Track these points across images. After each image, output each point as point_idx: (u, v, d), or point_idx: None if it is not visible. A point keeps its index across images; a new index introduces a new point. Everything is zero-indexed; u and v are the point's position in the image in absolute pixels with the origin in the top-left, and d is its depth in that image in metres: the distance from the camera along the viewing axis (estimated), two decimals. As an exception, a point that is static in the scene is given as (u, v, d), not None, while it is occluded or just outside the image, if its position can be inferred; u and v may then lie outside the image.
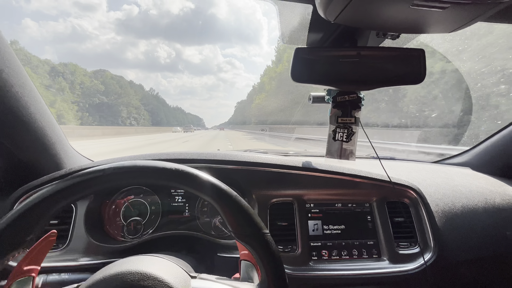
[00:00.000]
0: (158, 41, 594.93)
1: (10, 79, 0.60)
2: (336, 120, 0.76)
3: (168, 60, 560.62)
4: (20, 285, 0.44)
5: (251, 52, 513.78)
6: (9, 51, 0.61)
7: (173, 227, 0.80)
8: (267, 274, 0.40)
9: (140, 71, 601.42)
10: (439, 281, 0.77)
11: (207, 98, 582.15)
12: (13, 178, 0.79)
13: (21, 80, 0.64)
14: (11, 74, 0.61)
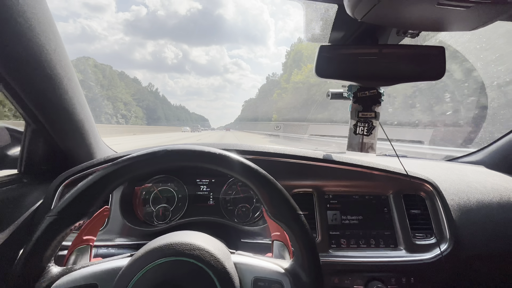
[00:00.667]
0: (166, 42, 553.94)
1: (61, 72, 0.66)
2: (357, 115, 0.80)
3: (175, 61, 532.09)
4: (80, 252, 0.49)
5: (258, 53, 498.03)
6: (62, 47, 0.67)
7: (199, 214, 0.85)
8: (301, 250, 0.44)
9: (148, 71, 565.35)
10: (454, 272, 0.80)
11: (213, 99, 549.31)
12: (53, 165, 0.85)
13: (69, 74, 0.70)
14: (63, 68, 0.67)
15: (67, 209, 0.40)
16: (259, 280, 0.43)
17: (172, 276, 0.38)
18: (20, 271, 0.36)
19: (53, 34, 0.62)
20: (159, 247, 0.40)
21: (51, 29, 0.62)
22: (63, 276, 0.40)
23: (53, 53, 0.63)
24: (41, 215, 0.72)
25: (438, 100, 6.07)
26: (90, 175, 0.42)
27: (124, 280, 0.37)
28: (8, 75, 0.58)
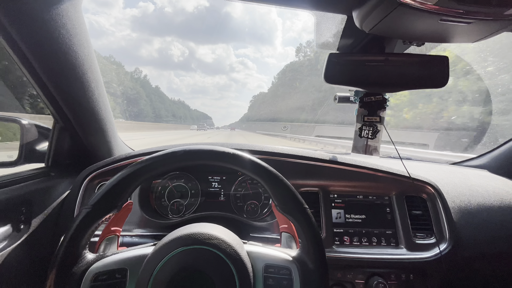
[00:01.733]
0: (172, 39, 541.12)
1: (91, 76, 0.73)
2: (362, 119, 0.84)
3: (181, 58, 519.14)
4: (109, 241, 0.55)
5: (264, 53, 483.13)
6: (93, 52, 0.74)
7: (211, 209, 0.91)
8: (307, 240, 0.49)
9: (154, 68, 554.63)
10: (453, 270, 0.83)
11: (219, 97, 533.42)
12: (76, 160, 0.92)
13: (97, 77, 0.77)
14: (92, 72, 0.73)
15: (100, 203, 0.45)
16: (270, 267, 0.48)
17: (192, 262, 0.43)
18: (61, 257, 0.42)
19: (86, 41, 0.68)
20: (181, 236, 0.45)
21: (85, 37, 0.68)
22: (96, 262, 0.45)
23: (85, 58, 0.69)
24: (69, 205, 0.78)
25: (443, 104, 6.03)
26: (119, 172, 0.47)
27: (150, 265, 0.43)
28: (47, 78, 0.64)
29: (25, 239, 0.69)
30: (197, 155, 0.50)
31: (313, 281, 0.47)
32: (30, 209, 0.72)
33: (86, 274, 0.43)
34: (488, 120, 1.73)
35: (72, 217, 0.77)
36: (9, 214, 0.67)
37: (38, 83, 0.66)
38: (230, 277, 0.43)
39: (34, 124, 0.89)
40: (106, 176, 0.83)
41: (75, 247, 0.43)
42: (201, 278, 0.42)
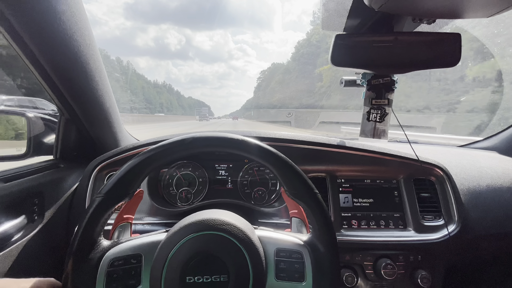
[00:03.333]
0: (168, 27, 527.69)
1: (93, 66, 0.72)
2: (370, 102, 0.82)
3: (179, 47, 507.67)
4: (122, 228, 0.56)
5: (264, 38, 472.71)
6: (94, 42, 0.73)
7: (218, 196, 0.91)
8: (318, 224, 0.49)
9: (151, 58, 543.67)
10: (461, 251, 0.84)
11: (218, 86, 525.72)
12: (83, 151, 0.93)
13: (100, 68, 0.76)
14: (95, 63, 0.72)
15: (112, 191, 0.46)
16: (281, 251, 0.49)
17: (205, 247, 0.44)
18: (77, 244, 0.43)
19: (87, 31, 0.67)
20: (193, 223, 0.46)
21: (86, 27, 0.67)
22: (112, 248, 0.46)
23: (87, 48, 0.68)
24: (79, 196, 0.79)
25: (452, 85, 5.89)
26: (128, 161, 0.47)
27: (164, 251, 0.43)
28: (51, 70, 0.64)
29: (39, 230, 0.71)
30: (206, 142, 0.50)
31: (324, 264, 0.47)
32: (43, 200, 0.73)
33: (103, 259, 0.44)
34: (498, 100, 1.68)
35: (83, 207, 0.78)
36: (22, 205, 0.68)
37: (43, 75, 0.65)
38: (243, 261, 0.43)
39: (40, 117, 0.89)
40: (114, 167, 0.84)
41: (90, 234, 0.44)
42: (215, 262, 0.43)
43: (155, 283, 0.42)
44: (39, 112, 0.91)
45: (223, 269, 0.43)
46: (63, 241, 0.77)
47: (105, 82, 0.80)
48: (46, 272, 0.73)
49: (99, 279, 0.43)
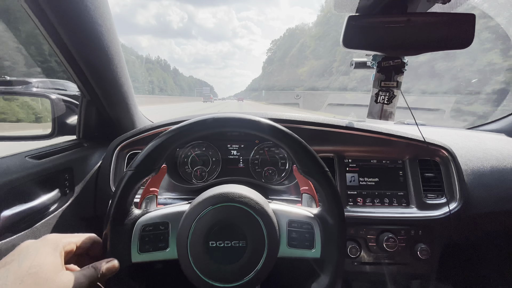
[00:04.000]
0: (169, 2, 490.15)
1: (113, 49, 0.75)
2: (379, 84, 0.84)
3: (181, 25, 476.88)
4: (148, 200, 0.62)
5: (269, 15, 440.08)
6: (114, 26, 0.75)
7: (231, 175, 0.97)
8: (328, 198, 0.53)
9: (153, 37, 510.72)
10: (461, 228, 0.89)
11: (222, 67, 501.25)
12: (104, 132, 0.98)
13: (118, 51, 0.79)
14: (114, 46, 0.76)
15: (141, 165, 0.50)
16: (293, 222, 0.54)
17: (226, 217, 0.49)
18: (113, 212, 0.48)
19: (108, 15, 0.70)
20: (214, 195, 0.51)
21: (107, 11, 0.69)
22: (142, 216, 0.52)
23: (108, 33, 0.71)
24: (104, 172, 0.86)
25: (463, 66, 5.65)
26: (153, 140, 0.51)
27: (189, 219, 0.49)
28: (77, 54, 0.67)
29: (71, 202, 0.78)
30: (225, 122, 0.53)
31: (332, 234, 0.52)
32: (72, 176, 0.80)
33: (136, 225, 0.50)
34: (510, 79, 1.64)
35: (108, 183, 0.85)
36: (56, 180, 0.75)
37: (68, 59, 0.69)
38: (259, 230, 0.49)
39: (61, 99, 0.94)
40: (134, 146, 0.90)
41: (124, 204, 0.50)
42: (234, 230, 0.48)
43: (182, 246, 0.48)
44: (61, 93, 0.96)
45: (241, 236, 0.48)
46: (92, 212, 0.84)
47: (123, 66, 0.84)
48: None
49: (133, 241, 0.49)
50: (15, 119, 1.04)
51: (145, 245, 0.50)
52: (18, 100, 1.07)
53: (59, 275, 0.35)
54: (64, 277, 0.35)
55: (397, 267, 0.88)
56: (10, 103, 1.03)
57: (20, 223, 0.63)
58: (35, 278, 0.32)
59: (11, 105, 1.02)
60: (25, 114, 1.11)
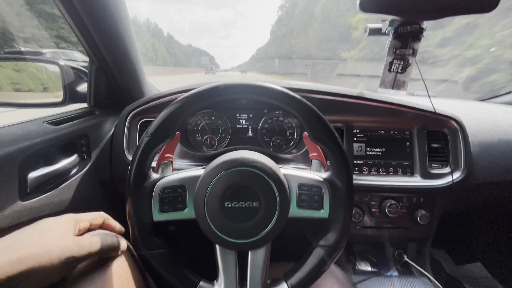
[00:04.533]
0: None
1: (121, 15, 0.74)
2: (394, 52, 0.81)
3: None
4: (164, 165, 0.65)
5: None
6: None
7: (240, 143, 0.99)
8: (337, 163, 0.55)
9: (150, 2, 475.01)
10: (462, 196, 0.92)
11: (224, 36, 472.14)
12: (114, 100, 0.99)
13: (126, 18, 0.78)
14: (122, 12, 0.74)
15: (157, 132, 0.52)
16: (303, 185, 0.56)
17: (240, 180, 0.52)
18: (133, 176, 0.51)
19: None
20: (228, 160, 0.53)
21: None
22: (160, 180, 0.55)
23: None
24: (117, 139, 0.88)
25: (480, 33, 5.29)
26: (169, 106, 0.52)
27: (205, 182, 0.52)
28: (87, 19, 0.66)
29: (89, 167, 0.82)
30: (237, 88, 0.54)
31: (340, 196, 0.55)
32: (88, 142, 0.83)
33: (155, 188, 0.54)
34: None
35: (122, 149, 0.88)
36: (74, 145, 0.78)
37: (76, 21, 0.67)
38: (271, 192, 0.52)
39: (70, 66, 0.93)
40: (145, 114, 0.91)
41: (142, 168, 0.53)
42: (248, 192, 0.51)
43: (199, 207, 0.51)
44: (68, 61, 0.95)
45: (255, 197, 0.51)
46: (108, 177, 0.89)
47: (131, 33, 0.82)
48: (96, 202, 0.87)
49: (154, 203, 0.53)
50: (27, 89, 1.05)
51: (165, 206, 0.53)
52: (27, 71, 1.07)
53: (65, 238, 0.39)
54: (71, 239, 0.39)
55: (397, 230, 0.93)
56: (20, 74, 1.03)
57: (46, 184, 0.67)
58: (43, 237, 0.37)
59: (22, 75, 1.03)
60: (34, 84, 1.12)
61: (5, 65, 0.96)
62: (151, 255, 0.52)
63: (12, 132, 0.60)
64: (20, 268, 0.32)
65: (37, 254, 0.34)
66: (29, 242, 0.35)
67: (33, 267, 0.33)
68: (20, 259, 0.33)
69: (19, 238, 0.36)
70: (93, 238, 0.42)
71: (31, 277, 0.34)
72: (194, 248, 1.12)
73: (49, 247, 0.36)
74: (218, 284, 0.54)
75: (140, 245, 0.52)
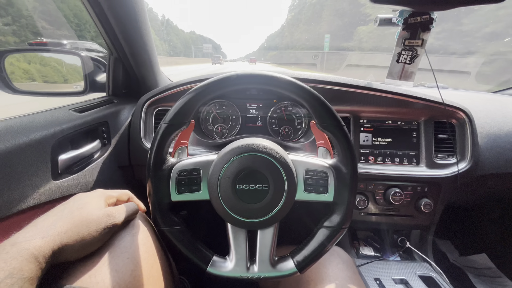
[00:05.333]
0: None
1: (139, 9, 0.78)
2: (403, 43, 0.82)
3: None
4: (180, 151, 0.70)
5: None
6: None
7: (250, 132, 1.03)
8: (342, 150, 0.58)
9: None
10: (466, 186, 0.94)
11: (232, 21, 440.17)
12: (130, 89, 1.04)
13: (143, 11, 0.81)
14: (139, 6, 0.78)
15: (174, 119, 0.56)
16: (309, 171, 0.60)
17: (251, 164, 0.56)
18: (153, 159, 0.56)
19: None
20: (239, 146, 0.57)
21: None
22: (177, 163, 0.60)
23: None
24: (135, 126, 0.94)
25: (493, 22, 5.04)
26: (184, 95, 0.55)
27: (218, 166, 0.56)
28: (108, 10, 0.70)
29: (110, 152, 0.88)
30: (249, 78, 0.57)
31: (345, 181, 0.58)
32: (108, 129, 0.89)
33: (173, 170, 0.58)
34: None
35: (139, 136, 0.93)
36: (96, 131, 0.84)
37: (100, 15, 0.72)
38: (280, 175, 0.55)
39: (89, 57, 0.99)
40: (160, 103, 0.96)
41: (161, 152, 0.57)
42: (258, 176, 0.55)
43: (213, 189, 0.56)
44: (88, 52, 1.00)
45: (264, 180, 0.55)
46: (127, 162, 0.95)
47: (148, 27, 0.87)
48: (116, 185, 0.94)
49: (172, 184, 0.58)
50: (52, 80, 1.13)
51: (181, 187, 0.58)
52: (50, 65, 1.14)
53: (98, 210, 0.45)
54: (104, 211, 0.46)
55: (400, 218, 0.96)
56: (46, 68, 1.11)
57: (73, 166, 0.73)
58: (81, 212, 0.43)
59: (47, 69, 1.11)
60: (57, 76, 1.19)
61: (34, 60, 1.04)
62: (169, 231, 0.58)
63: (44, 118, 0.66)
64: (67, 240, 0.39)
65: (78, 228, 0.41)
66: (71, 217, 0.42)
67: (76, 239, 0.40)
68: (67, 232, 0.39)
69: (63, 214, 0.42)
70: (119, 208, 0.49)
71: (76, 247, 0.40)
72: (206, 228, 1.19)
73: (87, 220, 0.42)
74: (230, 259, 0.59)
75: (160, 221, 0.57)
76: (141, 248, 0.49)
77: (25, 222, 0.40)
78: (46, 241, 0.36)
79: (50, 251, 0.36)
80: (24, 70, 1.03)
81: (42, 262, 0.35)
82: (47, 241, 0.36)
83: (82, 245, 0.41)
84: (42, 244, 0.36)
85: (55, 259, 0.37)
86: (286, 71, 0.98)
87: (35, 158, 0.61)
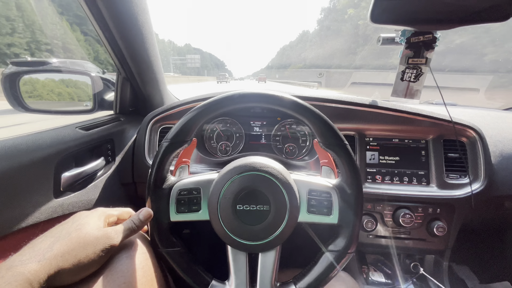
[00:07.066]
0: None
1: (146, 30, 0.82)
2: (407, 61, 0.82)
3: None
4: (181, 169, 0.69)
5: None
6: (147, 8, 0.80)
7: (253, 150, 1.03)
8: (346, 170, 0.57)
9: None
10: (481, 208, 0.89)
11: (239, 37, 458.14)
12: (137, 108, 1.07)
13: (151, 32, 0.85)
14: (147, 27, 0.82)
15: (175, 137, 0.56)
16: (313, 191, 0.58)
17: (252, 184, 0.54)
18: (153, 178, 0.55)
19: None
20: (240, 165, 0.56)
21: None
22: (178, 182, 0.59)
23: (142, 13, 0.76)
24: (139, 144, 0.95)
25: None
26: (187, 114, 0.55)
27: (219, 185, 0.55)
28: (116, 32, 0.73)
29: (114, 169, 0.89)
30: (250, 97, 0.57)
31: (350, 203, 0.56)
32: (113, 146, 0.90)
33: (172, 189, 0.58)
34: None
35: (143, 153, 0.94)
36: (101, 149, 0.85)
37: (109, 37, 0.76)
38: (281, 196, 0.54)
39: (99, 77, 1.02)
40: (165, 120, 0.97)
41: (162, 170, 0.57)
42: (259, 196, 0.54)
43: (213, 209, 0.54)
44: (97, 72, 1.04)
45: (265, 201, 0.53)
46: (130, 179, 0.95)
47: (155, 47, 0.90)
48: (118, 202, 0.93)
49: (171, 203, 0.57)
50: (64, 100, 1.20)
51: (181, 207, 0.57)
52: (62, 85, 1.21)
53: (97, 231, 0.44)
54: (102, 232, 0.44)
55: (412, 241, 0.91)
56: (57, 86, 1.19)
57: (76, 184, 0.74)
58: (79, 233, 0.42)
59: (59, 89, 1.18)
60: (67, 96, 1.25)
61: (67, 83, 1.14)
62: (167, 252, 0.56)
63: (50, 136, 0.68)
64: (63, 263, 0.38)
65: (76, 250, 0.40)
66: (69, 239, 0.41)
67: (73, 262, 0.39)
68: (63, 255, 0.38)
69: (61, 235, 0.41)
70: (117, 228, 0.47)
71: (72, 270, 0.39)
72: (207, 250, 1.15)
73: (85, 242, 0.41)
74: (229, 284, 0.56)
75: (158, 243, 0.55)
76: (139, 272, 0.48)
77: (24, 241, 0.39)
78: (42, 265, 0.36)
79: (46, 276, 0.35)
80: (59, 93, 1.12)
81: (37, 287, 0.34)
82: (43, 265, 0.36)
83: (79, 268, 0.39)
84: (38, 268, 0.35)
85: (51, 283, 0.36)
86: (291, 90, 0.99)
87: (38, 176, 0.62)
